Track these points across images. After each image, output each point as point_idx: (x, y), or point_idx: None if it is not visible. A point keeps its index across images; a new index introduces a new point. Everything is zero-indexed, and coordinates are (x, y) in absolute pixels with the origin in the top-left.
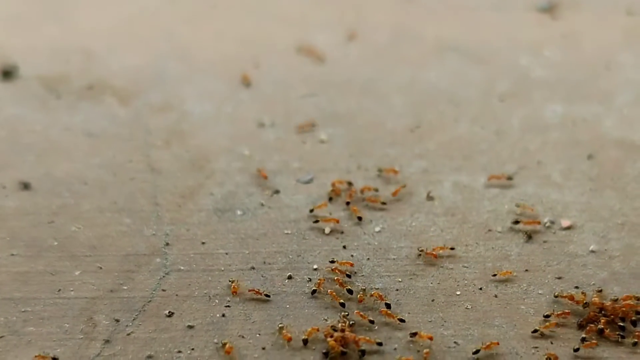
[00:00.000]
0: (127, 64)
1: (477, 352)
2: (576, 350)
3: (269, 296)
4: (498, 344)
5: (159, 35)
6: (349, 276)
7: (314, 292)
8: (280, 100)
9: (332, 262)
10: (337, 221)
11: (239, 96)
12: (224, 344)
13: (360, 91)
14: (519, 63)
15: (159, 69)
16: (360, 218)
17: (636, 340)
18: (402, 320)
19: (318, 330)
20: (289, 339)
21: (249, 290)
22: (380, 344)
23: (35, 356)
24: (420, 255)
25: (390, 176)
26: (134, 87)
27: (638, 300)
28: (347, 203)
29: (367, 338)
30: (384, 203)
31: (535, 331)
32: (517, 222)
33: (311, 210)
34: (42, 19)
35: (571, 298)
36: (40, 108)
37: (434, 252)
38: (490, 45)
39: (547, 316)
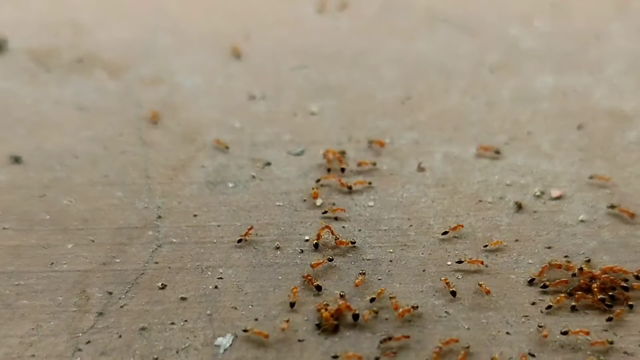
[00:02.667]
0: (117, 37)
1: (445, 232)
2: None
3: (354, 242)
4: (462, 226)
5: (149, 8)
6: (353, 242)
7: (316, 245)
8: (270, 72)
9: (325, 212)
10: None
11: (229, 69)
12: None
13: (350, 63)
14: (509, 34)
15: (149, 42)
16: (350, 188)
17: (611, 316)
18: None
19: (297, 288)
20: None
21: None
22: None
23: None
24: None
25: (381, 147)
26: (124, 61)
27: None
28: (342, 170)
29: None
30: (370, 183)
31: (549, 307)
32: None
33: (317, 180)
34: None
35: (559, 267)
36: (30, 82)
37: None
38: (481, 16)
39: (545, 286)
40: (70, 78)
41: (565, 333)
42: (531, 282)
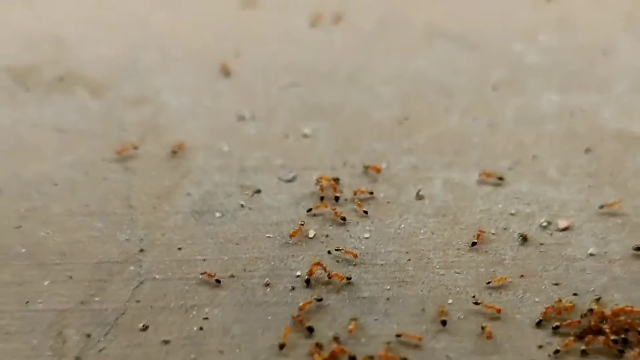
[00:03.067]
0: (101, 54)
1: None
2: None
3: (349, 278)
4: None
5: (135, 23)
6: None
7: (308, 281)
8: (261, 91)
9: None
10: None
11: (218, 87)
12: None
13: (345, 81)
14: (513, 49)
15: (133, 59)
16: (344, 219)
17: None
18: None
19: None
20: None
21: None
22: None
23: None
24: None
25: (377, 174)
26: (107, 79)
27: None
28: (336, 198)
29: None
30: (365, 212)
31: (557, 352)
32: None
33: (309, 210)
34: (10, 5)
35: (559, 312)
36: (9, 102)
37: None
38: (483, 31)
39: (557, 327)
40: (51, 97)
41: None
42: (539, 324)
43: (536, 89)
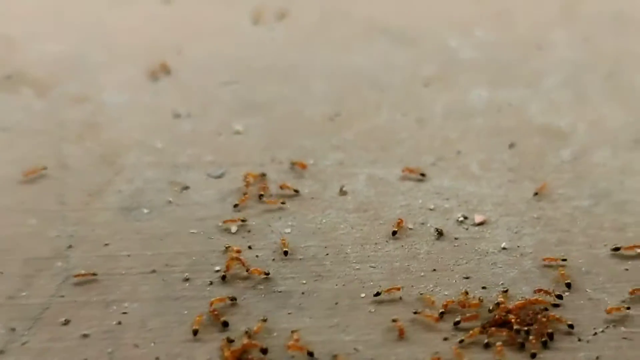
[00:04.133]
0: (49, 52)
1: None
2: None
3: (268, 274)
4: (399, 289)
5: (85, 19)
6: (267, 274)
7: (224, 277)
8: (199, 88)
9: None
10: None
11: (157, 85)
12: None
13: (281, 77)
14: (449, 45)
15: (80, 56)
16: (283, 202)
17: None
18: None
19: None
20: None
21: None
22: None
23: None
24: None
25: (303, 170)
26: (52, 77)
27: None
28: (260, 196)
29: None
30: (283, 203)
31: (461, 341)
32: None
33: (235, 205)
34: None
35: (463, 306)
36: None
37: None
38: (422, 26)
39: (457, 323)
40: None
41: None
42: (442, 316)
43: (467, 84)
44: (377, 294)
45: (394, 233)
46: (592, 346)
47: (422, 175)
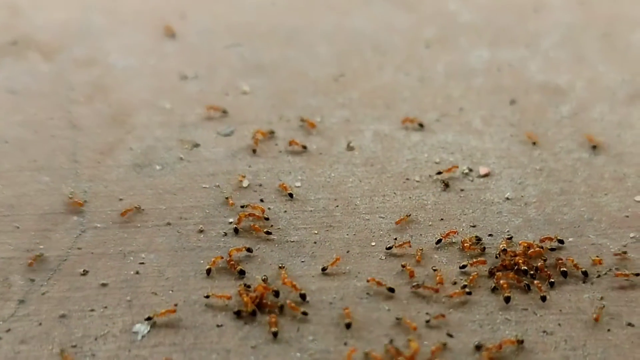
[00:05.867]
0: (53, 18)
1: (390, 248)
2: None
3: (270, 233)
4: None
5: None
6: (267, 219)
7: (236, 230)
8: (204, 51)
9: (243, 207)
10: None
11: (163, 48)
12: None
13: (285, 40)
14: (448, 8)
15: (84, 22)
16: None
17: (544, 294)
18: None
19: (222, 258)
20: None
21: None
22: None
23: None
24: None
25: (311, 128)
26: (58, 42)
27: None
28: (254, 151)
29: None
30: (304, 147)
31: (464, 287)
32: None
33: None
34: None
35: (469, 248)
36: None
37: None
38: None
39: (464, 266)
40: (3, 61)
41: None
42: (438, 243)
43: (467, 45)
44: (389, 247)
45: (439, 242)
46: (595, 287)
47: (421, 125)
